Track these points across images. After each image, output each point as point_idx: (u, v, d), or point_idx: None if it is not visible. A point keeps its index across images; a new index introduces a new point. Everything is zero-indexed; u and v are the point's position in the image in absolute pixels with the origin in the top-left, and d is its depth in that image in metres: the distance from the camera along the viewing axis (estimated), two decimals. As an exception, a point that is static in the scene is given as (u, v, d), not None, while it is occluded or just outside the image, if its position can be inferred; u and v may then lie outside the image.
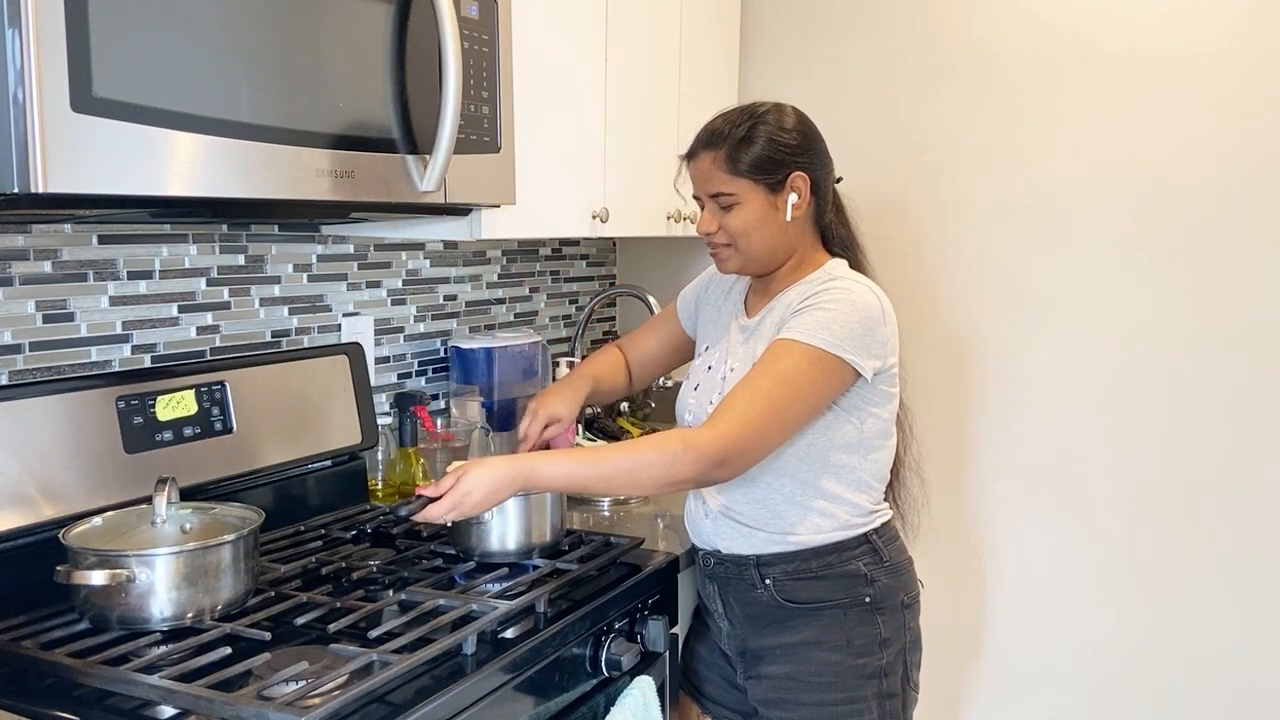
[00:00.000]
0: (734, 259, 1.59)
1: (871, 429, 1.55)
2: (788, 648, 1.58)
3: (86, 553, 1.25)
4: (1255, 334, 2.14)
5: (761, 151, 1.52)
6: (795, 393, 1.45)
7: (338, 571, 1.52)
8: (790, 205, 1.54)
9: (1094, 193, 2.26)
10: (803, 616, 1.57)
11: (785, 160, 1.53)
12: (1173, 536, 2.25)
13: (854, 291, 1.50)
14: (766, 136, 1.52)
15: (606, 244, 2.81)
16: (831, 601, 1.56)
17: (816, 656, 1.56)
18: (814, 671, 1.56)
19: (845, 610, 1.56)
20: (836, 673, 1.55)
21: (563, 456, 1.44)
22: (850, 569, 1.56)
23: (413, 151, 1.45)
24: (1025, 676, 2.42)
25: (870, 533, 1.57)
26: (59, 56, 1.02)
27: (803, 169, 1.54)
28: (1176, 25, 2.16)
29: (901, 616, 1.59)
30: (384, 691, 1.17)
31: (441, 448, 2.01)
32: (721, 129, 1.54)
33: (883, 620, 1.57)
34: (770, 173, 1.52)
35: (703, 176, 1.56)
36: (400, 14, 1.42)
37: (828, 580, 1.56)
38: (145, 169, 1.11)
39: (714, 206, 1.57)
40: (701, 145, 1.56)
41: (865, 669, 1.55)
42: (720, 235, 1.57)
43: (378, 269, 2.06)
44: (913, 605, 1.62)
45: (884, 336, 1.51)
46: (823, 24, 2.51)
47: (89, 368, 1.55)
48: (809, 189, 1.55)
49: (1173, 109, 2.17)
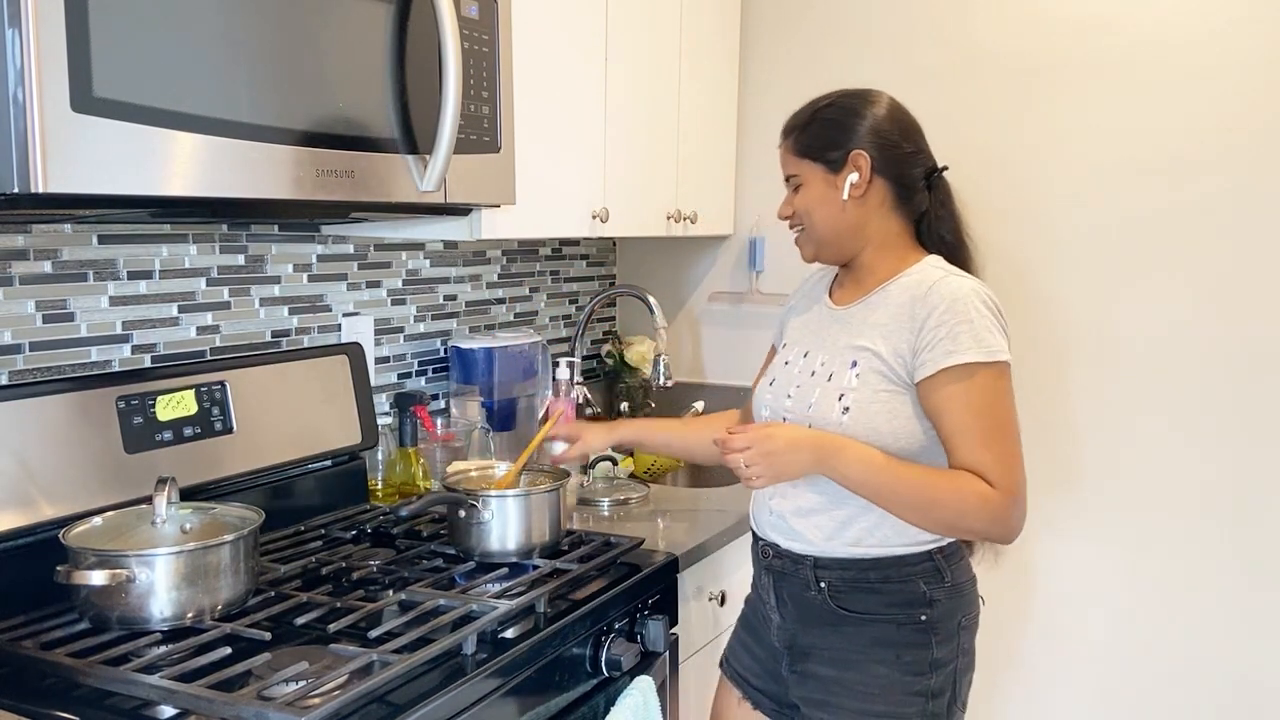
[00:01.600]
0: (807, 244, 1.59)
1: None
2: (837, 651, 1.53)
3: (86, 553, 1.25)
4: (1260, 335, 2.14)
5: (818, 131, 1.54)
6: (1013, 415, 1.43)
7: (338, 571, 1.52)
8: (849, 185, 1.51)
9: (1097, 193, 2.26)
10: (855, 624, 1.51)
11: (842, 140, 1.52)
12: (1181, 539, 2.24)
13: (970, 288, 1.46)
14: (825, 117, 1.54)
15: (606, 244, 2.81)
16: (886, 616, 1.50)
17: (864, 666, 1.51)
18: (860, 680, 1.51)
19: (899, 626, 1.49)
20: (883, 685, 1.49)
21: (864, 457, 1.42)
22: (910, 587, 1.49)
23: (413, 151, 1.45)
24: (1031, 677, 2.42)
25: (935, 550, 1.50)
26: (59, 56, 1.02)
27: (864, 148, 1.51)
28: (1182, 26, 2.16)
29: (957, 639, 1.52)
30: (384, 691, 1.17)
31: (441, 448, 2.01)
32: (796, 115, 1.59)
33: (937, 642, 1.50)
34: (826, 151, 1.53)
35: (782, 160, 1.60)
36: (400, 14, 1.42)
37: (885, 595, 1.50)
38: (145, 169, 1.11)
39: (789, 190, 1.60)
40: (782, 132, 1.60)
41: (912, 686, 1.49)
42: (794, 219, 1.59)
43: (378, 269, 2.06)
44: (970, 627, 1.54)
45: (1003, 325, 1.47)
46: (823, 24, 2.51)
47: (89, 368, 1.55)
48: (869, 168, 1.51)
49: (1178, 110, 2.17)
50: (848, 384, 1.47)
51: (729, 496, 2.12)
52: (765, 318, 2.64)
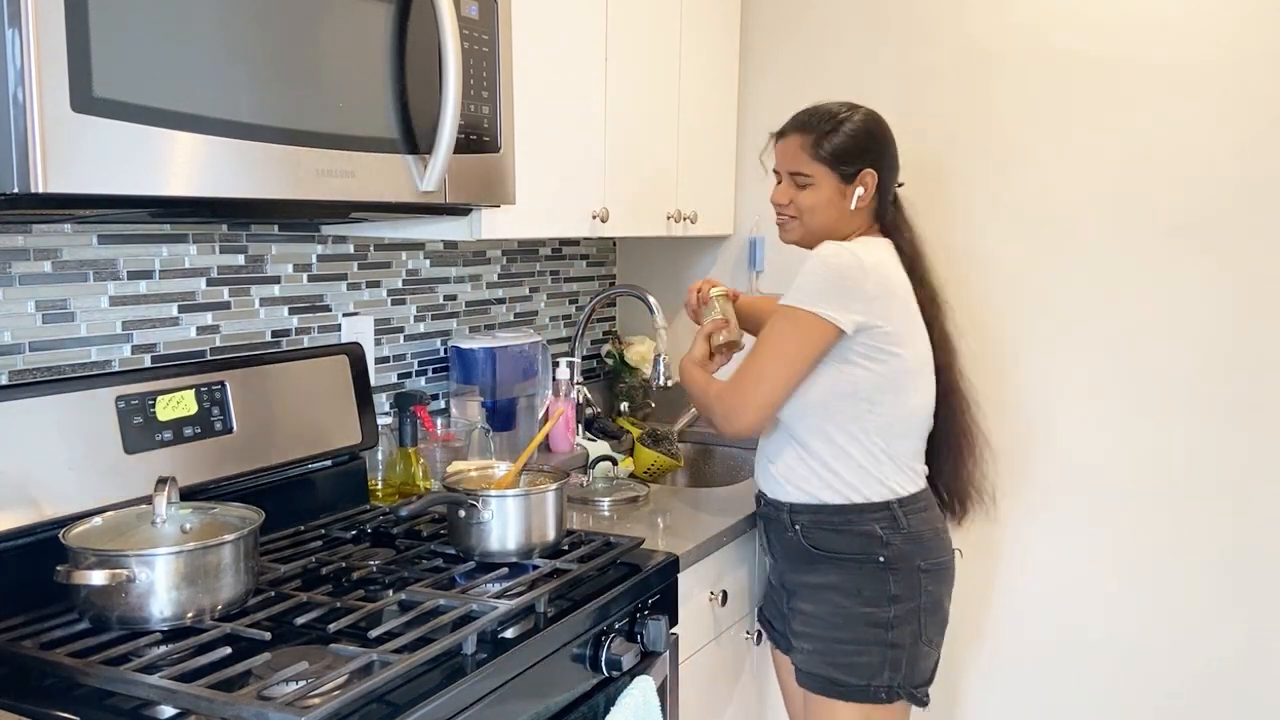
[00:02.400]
0: (796, 230, 1.80)
1: (867, 383, 1.69)
2: (813, 588, 1.77)
3: (86, 553, 1.25)
4: (1260, 334, 2.14)
5: (842, 144, 1.74)
6: (775, 350, 1.67)
7: (338, 571, 1.52)
8: (856, 197, 1.75)
9: (1096, 193, 2.26)
10: (825, 561, 1.75)
11: (859, 157, 1.74)
12: (1178, 536, 2.25)
13: (831, 252, 1.66)
14: (850, 133, 1.74)
15: (606, 244, 2.81)
16: (848, 554, 1.73)
17: (831, 599, 1.74)
18: (828, 612, 1.74)
19: (860, 564, 1.73)
20: (845, 616, 1.73)
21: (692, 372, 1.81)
22: (866, 530, 1.72)
23: (413, 151, 1.45)
24: (1026, 673, 2.42)
25: (893, 501, 1.73)
26: (59, 56, 1.02)
27: (874, 168, 1.75)
28: (1178, 27, 2.16)
29: (918, 579, 1.72)
30: (384, 691, 1.17)
31: (441, 448, 2.01)
32: (815, 117, 1.76)
33: (894, 578, 1.71)
34: (845, 164, 1.74)
35: (789, 154, 1.78)
36: (400, 14, 1.42)
37: (846, 535, 1.73)
38: (145, 169, 1.11)
39: (790, 183, 1.78)
40: (794, 127, 1.78)
41: (871, 618, 1.71)
42: (791, 209, 1.78)
43: (378, 269, 2.06)
44: (934, 571, 1.74)
45: (866, 293, 1.65)
46: (823, 24, 2.51)
47: (89, 368, 1.55)
48: (874, 186, 1.76)
49: (1175, 110, 2.17)
50: None
51: (729, 496, 2.12)
52: (765, 318, 2.64)
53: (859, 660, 1.72)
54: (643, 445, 2.27)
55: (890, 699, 1.72)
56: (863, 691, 1.72)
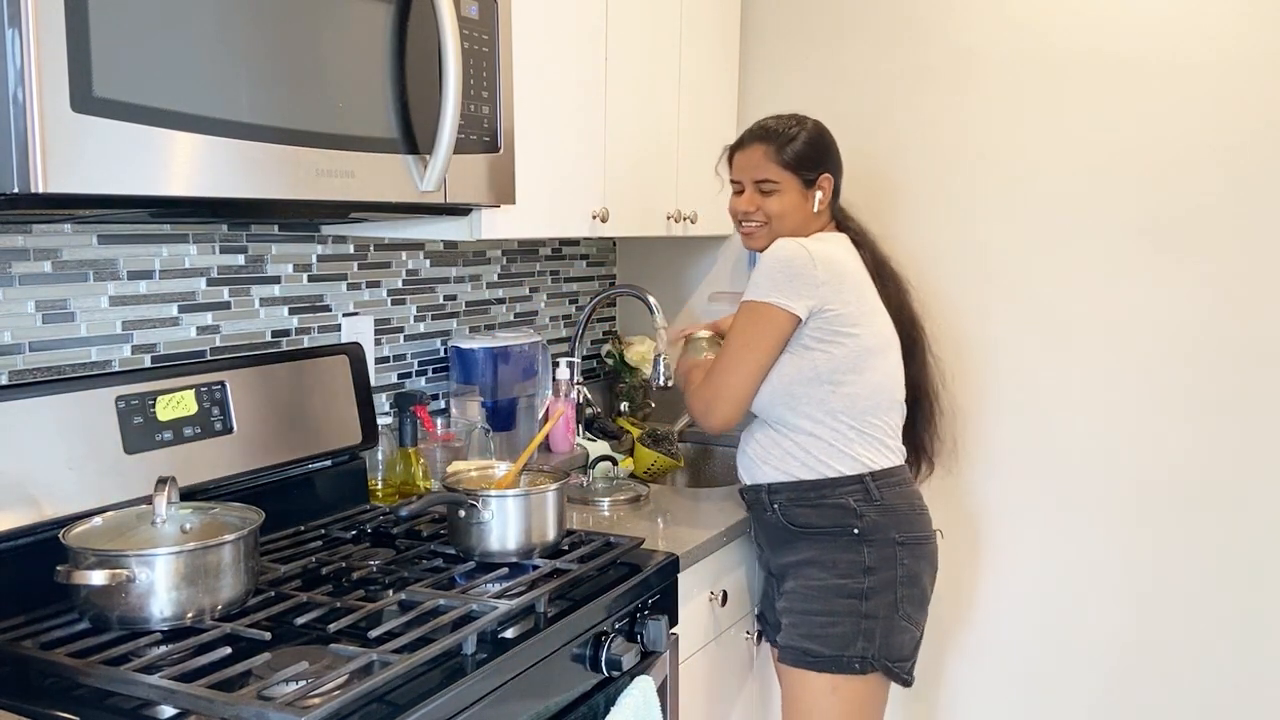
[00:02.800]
0: (763, 237, 1.87)
1: (826, 365, 1.77)
2: (794, 565, 1.84)
3: (86, 553, 1.25)
4: (1259, 332, 2.14)
5: (802, 151, 1.85)
6: (739, 343, 1.79)
7: (338, 571, 1.52)
8: (817, 200, 1.87)
9: (1091, 193, 2.26)
10: (804, 539, 1.82)
11: (819, 163, 1.86)
12: (1174, 534, 2.25)
13: (783, 247, 1.77)
14: (807, 140, 1.85)
15: (606, 244, 2.81)
16: (823, 528, 1.80)
17: (809, 573, 1.81)
18: (807, 586, 1.81)
19: (835, 537, 1.80)
20: (820, 589, 1.79)
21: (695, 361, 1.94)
22: (840, 502, 1.79)
23: (413, 151, 1.45)
24: (1014, 662, 2.43)
25: (866, 475, 1.80)
26: (59, 56, 1.02)
27: (829, 173, 1.87)
28: (1175, 27, 2.16)
29: (893, 550, 1.79)
30: (384, 691, 1.17)
31: (441, 448, 2.01)
32: (775, 127, 1.87)
33: (869, 550, 1.78)
34: (806, 170, 1.85)
35: (752, 164, 1.87)
36: (400, 14, 1.42)
37: (820, 509, 1.80)
38: (145, 169, 1.11)
39: (754, 191, 1.87)
40: (754, 137, 1.88)
41: (844, 589, 1.77)
42: (758, 215, 1.87)
43: (378, 269, 2.06)
44: (910, 544, 1.80)
45: (814, 280, 1.74)
46: (823, 24, 2.51)
47: (89, 368, 1.55)
48: (830, 190, 1.88)
49: (1171, 110, 2.18)
50: None
51: (729, 496, 2.12)
52: (765, 318, 2.63)
53: (832, 631, 1.76)
54: (643, 445, 2.27)
55: (864, 670, 1.76)
56: (834, 661, 1.76)
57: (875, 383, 1.81)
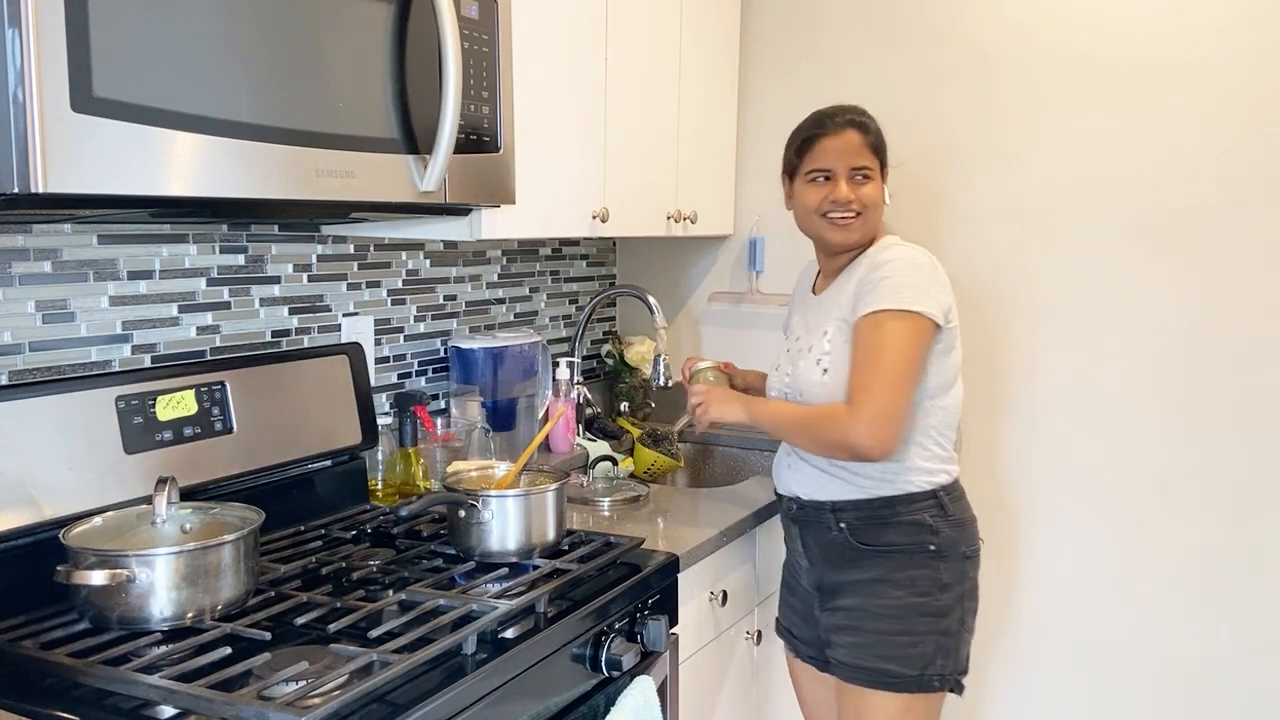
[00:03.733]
0: (859, 229, 1.76)
1: (935, 377, 1.70)
2: (860, 584, 1.75)
3: (86, 553, 1.25)
4: (1265, 333, 2.14)
5: (880, 139, 1.79)
6: (900, 355, 1.64)
7: (338, 571, 1.52)
8: (887, 193, 1.79)
9: (1102, 193, 2.26)
10: (873, 556, 1.73)
11: (887, 153, 1.79)
12: (1178, 538, 2.25)
13: (906, 253, 1.70)
14: (878, 130, 1.79)
15: (606, 244, 2.81)
16: (898, 545, 1.72)
17: (882, 591, 1.72)
18: (879, 605, 1.72)
19: (911, 554, 1.72)
20: (898, 608, 1.71)
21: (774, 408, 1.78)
22: (916, 519, 1.71)
23: (413, 151, 1.45)
24: (1027, 672, 2.43)
25: (939, 489, 1.73)
26: (59, 56, 1.02)
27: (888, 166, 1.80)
28: (1180, 27, 2.16)
29: (962, 566, 1.74)
30: (384, 691, 1.17)
31: (441, 448, 2.01)
32: (858, 112, 1.79)
33: (944, 567, 1.72)
34: (884, 162, 1.79)
35: (851, 150, 1.75)
36: (400, 14, 1.42)
37: (896, 526, 1.72)
38: (145, 169, 1.11)
39: (850, 179, 1.75)
40: (848, 122, 1.77)
41: (923, 607, 1.71)
42: (855, 204, 1.74)
43: (378, 269, 2.06)
44: (974, 558, 1.76)
45: (944, 286, 1.70)
46: (823, 24, 2.51)
47: (89, 368, 1.55)
48: None
49: (1174, 110, 2.17)
50: (823, 350, 1.74)
51: (729, 496, 2.12)
52: (765, 318, 2.64)
53: (913, 651, 1.70)
54: (643, 445, 2.27)
55: (941, 687, 1.72)
56: (917, 681, 1.70)
57: (959, 396, 1.77)
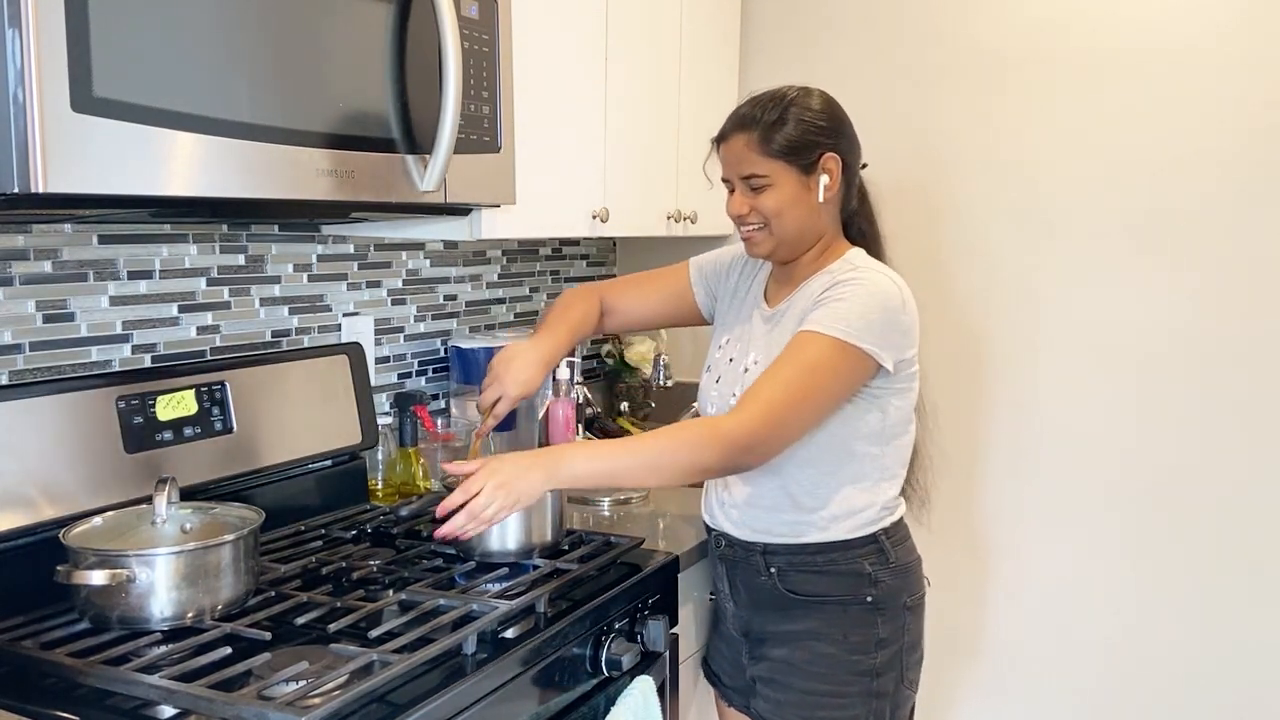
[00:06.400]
0: (766, 242, 1.58)
1: (894, 418, 1.56)
2: (788, 635, 1.60)
3: (86, 553, 1.25)
4: (1264, 335, 2.14)
5: (793, 133, 1.53)
6: (818, 382, 1.46)
7: (338, 571, 1.52)
8: (823, 187, 1.54)
9: (1097, 194, 2.26)
10: (804, 607, 1.59)
11: (817, 142, 1.54)
12: (1180, 539, 2.25)
13: (874, 281, 1.51)
14: (798, 118, 1.53)
15: (606, 244, 2.81)
16: (833, 596, 1.57)
17: (813, 646, 1.58)
18: (807, 660, 1.58)
19: (846, 607, 1.57)
20: (828, 665, 1.57)
21: (589, 452, 1.44)
22: (854, 567, 1.57)
23: (413, 151, 1.45)
24: (1025, 678, 2.42)
25: (879, 532, 1.58)
26: (59, 56, 1.02)
27: (835, 151, 1.55)
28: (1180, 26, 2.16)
29: (902, 618, 1.59)
30: (384, 691, 1.17)
31: (442, 448, 2.01)
32: (753, 112, 1.56)
33: (882, 621, 1.57)
34: (802, 154, 1.53)
35: (735, 158, 1.57)
36: (400, 14, 1.42)
37: (831, 576, 1.57)
38: (145, 169, 1.11)
39: (745, 188, 1.57)
40: (735, 127, 1.57)
41: (857, 666, 1.57)
42: (753, 217, 1.57)
43: (378, 269, 2.06)
44: (915, 607, 1.62)
45: (904, 326, 1.51)
46: (823, 24, 2.51)
47: (89, 368, 1.55)
48: (839, 171, 1.56)
49: (1177, 110, 2.17)
50: None
51: (729, 496, 2.12)
52: (765, 318, 2.63)
53: (841, 715, 1.57)
54: (643, 445, 2.26)
55: None
56: None
57: (913, 433, 1.62)
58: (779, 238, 1.57)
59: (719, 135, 1.61)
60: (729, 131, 1.58)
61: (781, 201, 1.54)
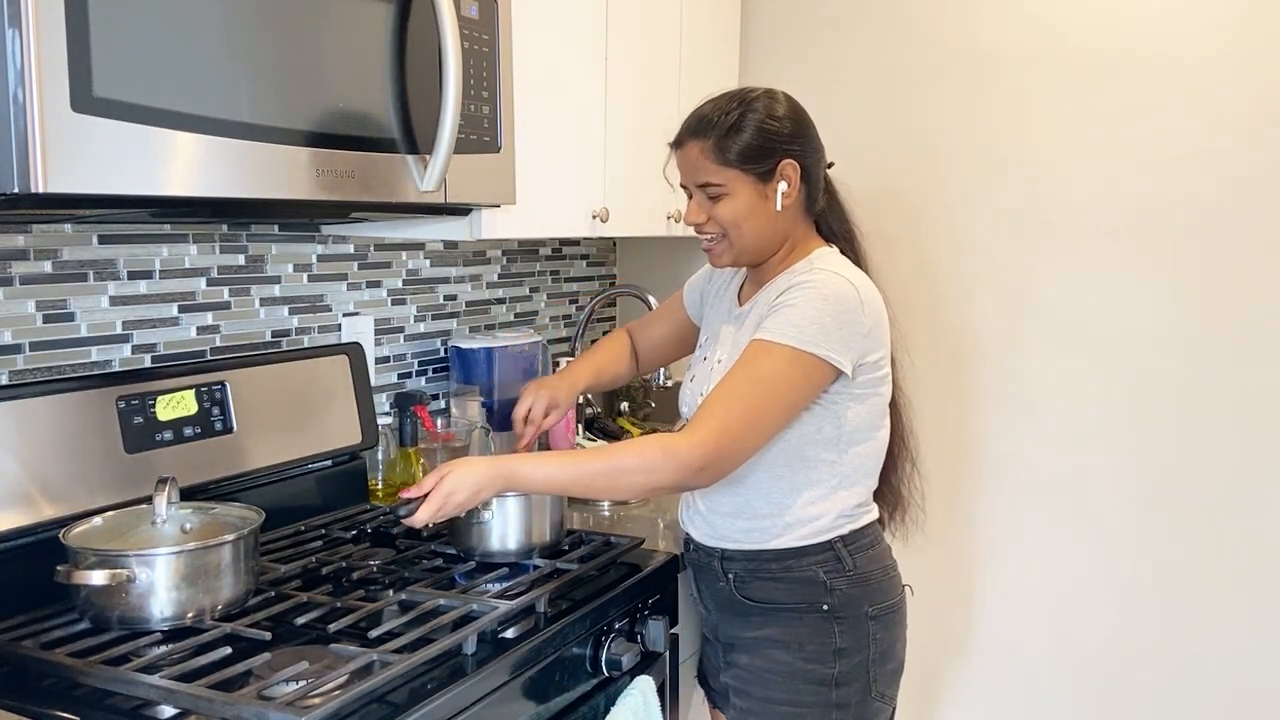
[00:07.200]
0: (727, 253, 1.56)
1: (852, 423, 1.51)
2: (750, 642, 1.58)
3: (87, 553, 1.25)
4: (1257, 334, 2.14)
5: (751, 140, 1.48)
6: (772, 394, 1.42)
7: (338, 571, 1.52)
8: (780, 194, 1.50)
9: (1094, 193, 2.26)
10: (762, 614, 1.57)
11: (775, 148, 1.49)
12: (1173, 540, 2.25)
13: (827, 283, 1.46)
14: (756, 125, 1.49)
15: (606, 244, 2.81)
16: (787, 604, 1.55)
17: (770, 654, 1.55)
18: (765, 668, 1.56)
19: (801, 615, 1.54)
20: (784, 673, 1.54)
21: (545, 459, 1.43)
22: (808, 575, 1.53)
23: (413, 151, 1.45)
24: (1018, 682, 2.42)
25: (835, 540, 1.53)
26: (59, 56, 1.02)
27: (793, 157, 1.51)
28: (1176, 26, 2.16)
29: (866, 627, 1.54)
30: (384, 691, 1.17)
31: (442, 448, 2.01)
32: (710, 116, 1.51)
33: (840, 630, 1.53)
34: (759, 162, 1.49)
35: (690, 166, 1.53)
36: (400, 14, 1.42)
37: (784, 583, 1.54)
38: (145, 169, 1.11)
39: (701, 197, 1.53)
40: (689, 133, 1.53)
41: (814, 675, 1.53)
42: (710, 226, 1.54)
43: (378, 269, 2.06)
44: (883, 616, 1.56)
45: (863, 328, 1.46)
46: (823, 24, 2.51)
47: (89, 368, 1.55)
48: (799, 177, 1.52)
49: (1172, 110, 2.17)
50: None
51: (729, 496, 2.12)
52: (765, 318, 2.64)
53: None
54: (643, 445, 2.26)
55: None
56: None
57: (883, 440, 1.58)
58: (739, 247, 1.55)
59: (675, 140, 1.56)
60: (684, 138, 1.54)
61: (738, 211, 1.51)
